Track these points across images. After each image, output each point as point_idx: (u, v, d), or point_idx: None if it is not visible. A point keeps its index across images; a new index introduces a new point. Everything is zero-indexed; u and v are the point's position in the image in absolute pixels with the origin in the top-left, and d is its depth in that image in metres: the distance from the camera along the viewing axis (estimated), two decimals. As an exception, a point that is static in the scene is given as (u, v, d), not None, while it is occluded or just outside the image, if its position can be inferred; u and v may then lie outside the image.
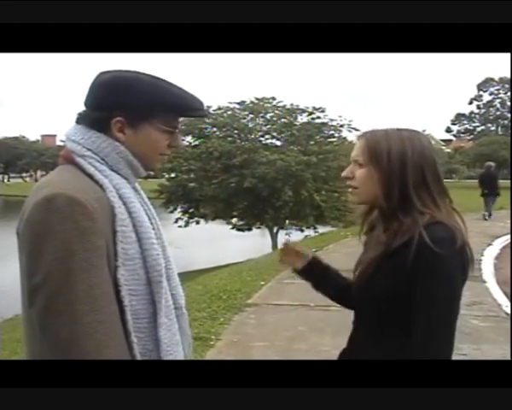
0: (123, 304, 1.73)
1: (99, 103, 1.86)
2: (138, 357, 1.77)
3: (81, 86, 1.91)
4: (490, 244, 15.31)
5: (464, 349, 6.28)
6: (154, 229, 1.88)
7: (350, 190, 2.13)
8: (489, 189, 21.79)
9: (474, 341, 6.77)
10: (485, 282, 10.70)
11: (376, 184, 2.01)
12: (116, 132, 1.85)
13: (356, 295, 2.11)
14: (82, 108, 1.92)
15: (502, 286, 10.45)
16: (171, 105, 1.88)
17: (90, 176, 1.79)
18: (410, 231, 1.90)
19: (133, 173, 1.91)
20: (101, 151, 1.83)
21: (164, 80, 1.89)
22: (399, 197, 1.98)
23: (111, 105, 1.84)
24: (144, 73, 1.89)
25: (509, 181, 36.00)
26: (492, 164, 23.22)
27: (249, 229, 29.06)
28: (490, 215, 21.64)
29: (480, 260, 12.98)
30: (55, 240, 1.61)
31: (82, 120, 1.89)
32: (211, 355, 6.52)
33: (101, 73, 1.90)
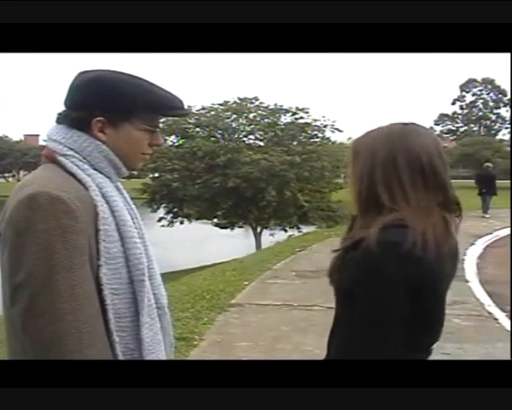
0: (105, 303, 1.72)
1: (79, 103, 1.86)
2: (120, 356, 1.76)
3: (64, 86, 1.90)
4: (472, 244, 15.42)
5: (447, 348, 6.31)
6: (136, 228, 1.88)
7: None
8: (486, 188, 23.22)
9: (456, 340, 6.80)
10: (467, 281, 10.77)
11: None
12: (97, 132, 1.84)
13: None
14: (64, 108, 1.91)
15: (484, 286, 10.52)
16: (152, 104, 1.88)
17: (73, 175, 1.78)
18: (364, 232, 1.82)
19: (115, 172, 1.90)
20: (83, 150, 1.83)
21: (144, 80, 1.90)
22: (367, 195, 1.91)
23: (91, 105, 1.84)
24: (124, 73, 1.90)
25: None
26: (490, 165, 25.20)
27: (232, 227, 29.07)
28: (485, 212, 22.97)
29: (463, 259, 13.06)
30: (37, 238, 1.60)
31: (62, 119, 1.88)
32: (194, 355, 6.51)
33: (81, 73, 1.89)
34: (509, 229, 18.79)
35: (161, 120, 1.97)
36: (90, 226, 1.70)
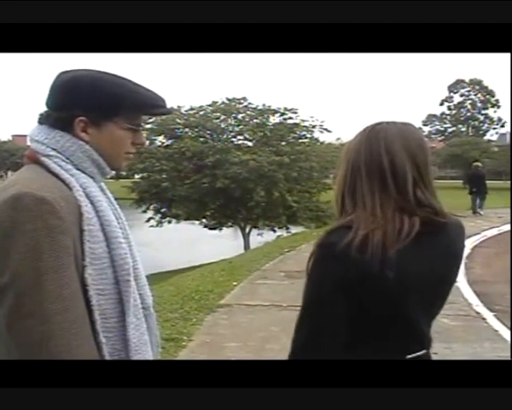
0: (91, 304, 1.72)
1: (61, 104, 1.85)
2: (107, 357, 1.76)
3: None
4: (460, 244, 15.43)
5: (435, 348, 6.18)
6: (121, 228, 1.87)
7: None
8: (477, 187, 23.58)
9: (444, 339, 6.81)
10: (455, 281, 10.78)
11: None
12: (79, 132, 1.83)
13: None
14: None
15: (472, 286, 10.55)
16: (134, 103, 1.88)
17: (56, 175, 1.77)
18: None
19: (99, 172, 1.90)
20: (65, 150, 1.82)
21: (125, 79, 1.90)
22: (338, 201, 1.95)
23: (73, 105, 1.83)
24: (105, 72, 1.89)
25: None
26: (480, 164, 25.64)
27: (221, 227, 29.06)
28: (476, 211, 23.31)
29: (451, 259, 13.07)
30: (23, 239, 1.59)
31: (45, 120, 1.87)
32: (183, 356, 6.50)
33: (62, 73, 1.88)
34: (496, 229, 18.93)
35: (150, 121, 1.98)
36: (74, 227, 1.70)
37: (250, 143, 29.54)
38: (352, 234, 1.76)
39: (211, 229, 29.22)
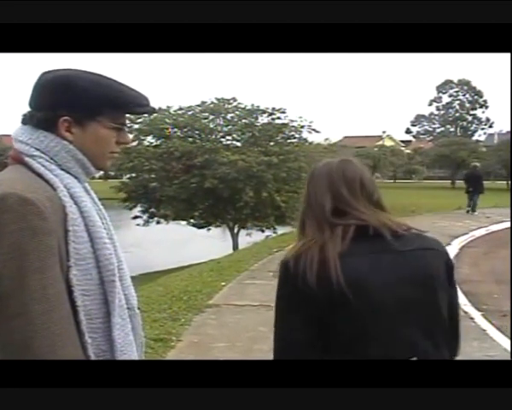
0: (76, 304, 1.71)
1: (45, 104, 1.84)
2: (92, 357, 1.75)
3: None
4: (449, 244, 15.52)
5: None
6: (105, 229, 1.86)
7: None
8: (473, 187, 24.46)
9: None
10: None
11: None
12: (64, 132, 1.83)
13: None
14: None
15: (460, 285, 10.59)
16: (117, 102, 1.87)
17: (40, 175, 1.77)
18: None
19: (84, 172, 1.89)
20: (49, 151, 1.81)
21: (109, 78, 1.89)
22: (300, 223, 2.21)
23: (57, 105, 1.82)
24: (89, 72, 1.89)
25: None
26: (478, 164, 27.07)
27: (209, 227, 29.01)
28: (474, 211, 24.20)
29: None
30: (7, 240, 1.59)
31: (28, 120, 1.87)
32: (171, 356, 6.50)
33: (44, 73, 1.88)
34: (484, 229, 19.02)
35: (139, 121, 1.97)
36: (59, 227, 1.69)
37: (239, 144, 29.50)
38: (300, 258, 1.99)
39: (199, 228, 29.14)
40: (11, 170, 1.82)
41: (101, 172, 1.97)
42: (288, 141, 29.65)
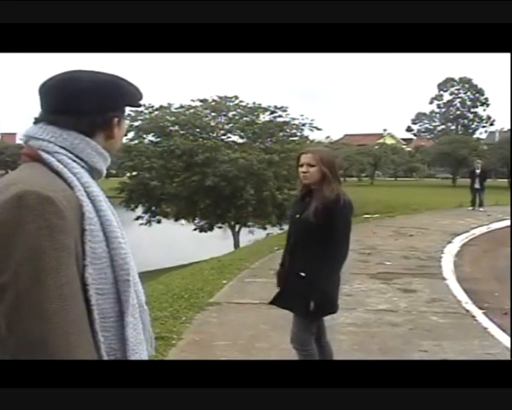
0: (90, 303, 1.72)
1: (91, 106, 1.85)
2: (105, 356, 1.76)
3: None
4: (450, 242, 15.54)
5: (425, 346, 6.33)
6: (119, 228, 1.87)
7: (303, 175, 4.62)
8: (480, 184, 25.19)
9: (434, 337, 6.83)
10: (445, 279, 10.86)
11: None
12: (115, 131, 1.91)
13: None
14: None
15: (462, 283, 10.60)
16: (130, 98, 1.96)
17: (58, 173, 1.77)
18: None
19: (104, 166, 1.93)
20: (75, 148, 1.83)
21: (116, 76, 1.93)
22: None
23: (107, 106, 1.87)
24: (94, 71, 1.90)
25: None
26: (482, 162, 27.89)
27: (211, 229, 29.03)
28: (481, 206, 25.00)
29: (440, 257, 13.16)
30: (24, 238, 1.58)
31: (52, 122, 1.84)
32: (173, 355, 6.49)
33: (71, 78, 1.85)
34: (485, 227, 19.02)
35: (139, 118, 2.01)
36: (76, 226, 1.70)
37: (240, 141, 29.54)
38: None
39: (201, 232, 29.12)
40: (28, 167, 1.81)
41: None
42: (290, 139, 29.70)
